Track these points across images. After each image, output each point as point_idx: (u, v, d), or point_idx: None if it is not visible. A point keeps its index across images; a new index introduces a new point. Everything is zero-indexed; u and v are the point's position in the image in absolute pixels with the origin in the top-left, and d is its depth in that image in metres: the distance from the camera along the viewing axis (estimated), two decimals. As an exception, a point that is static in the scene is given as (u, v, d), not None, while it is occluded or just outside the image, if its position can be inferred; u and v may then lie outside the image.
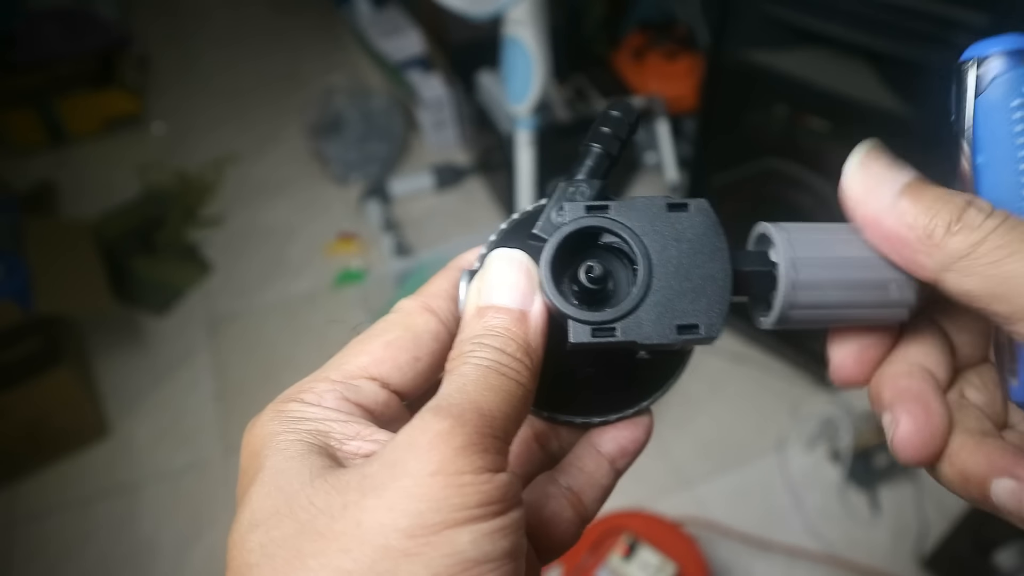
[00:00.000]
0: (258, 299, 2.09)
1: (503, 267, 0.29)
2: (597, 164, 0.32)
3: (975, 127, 0.28)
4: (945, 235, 0.26)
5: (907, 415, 0.29)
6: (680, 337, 0.28)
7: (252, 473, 0.26)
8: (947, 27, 1.21)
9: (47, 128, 2.57)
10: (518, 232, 0.32)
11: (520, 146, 1.69)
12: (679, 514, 1.45)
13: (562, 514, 0.32)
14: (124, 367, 1.91)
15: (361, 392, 0.29)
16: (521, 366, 0.27)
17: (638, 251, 0.29)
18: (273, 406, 0.28)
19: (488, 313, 0.28)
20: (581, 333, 0.28)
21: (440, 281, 0.33)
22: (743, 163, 1.71)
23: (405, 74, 2.53)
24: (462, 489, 0.23)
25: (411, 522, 0.22)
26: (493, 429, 0.25)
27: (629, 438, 0.34)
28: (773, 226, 0.30)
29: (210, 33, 3.17)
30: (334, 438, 0.27)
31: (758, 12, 1.51)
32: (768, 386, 1.78)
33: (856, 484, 1.60)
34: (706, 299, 0.29)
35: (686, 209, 0.30)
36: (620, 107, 0.33)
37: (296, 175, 2.46)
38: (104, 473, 1.71)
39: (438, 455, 0.23)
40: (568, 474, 0.33)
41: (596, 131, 0.33)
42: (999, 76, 0.28)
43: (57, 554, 1.59)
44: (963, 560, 1.40)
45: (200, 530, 1.60)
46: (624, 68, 2.34)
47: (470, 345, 0.28)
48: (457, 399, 0.25)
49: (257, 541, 0.23)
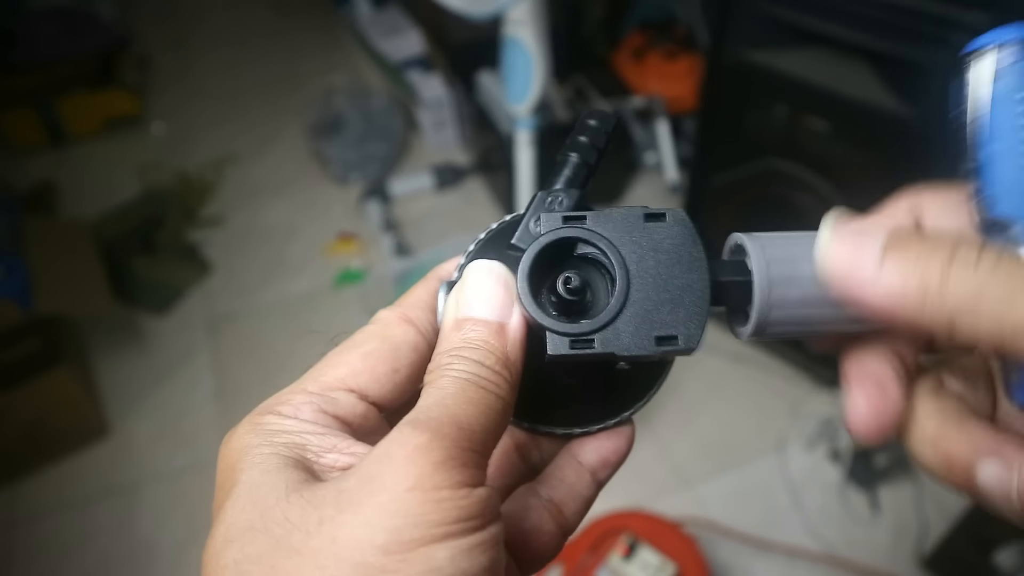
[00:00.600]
0: (258, 299, 2.09)
1: (481, 279, 0.29)
2: (575, 173, 0.32)
3: (979, 119, 0.28)
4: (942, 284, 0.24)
5: (862, 393, 0.29)
6: (659, 348, 0.28)
7: (227, 487, 0.25)
8: (947, 27, 1.21)
9: (47, 128, 2.57)
10: (496, 243, 0.32)
11: (520, 146, 1.69)
12: (679, 514, 1.44)
13: (543, 526, 0.31)
14: (124, 367, 1.91)
15: (338, 404, 0.28)
16: (500, 379, 0.27)
17: (615, 262, 0.29)
18: (249, 419, 0.28)
19: (466, 325, 0.28)
20: (559, 345, 0.28)
21: (419, 291, 0.32)
22: (743, 163, 1.71)
23: (405, 74, 2.53)
24: (440, 505, 0.23)
25: (388, 538, 0.22)
26: (472, 443, 0.25)
27: (611, 449, 0.33)
28: (747, 236, 0.30)
29: (210, 33, 3.17)
30: (311, 451, 0.26)
31: (758, 12, 1.51)
32: (768, 386, 1.78)
33: (856, 484, 1.60)
34: (684, 310, 0.29)
35: (663, 219, 0.29)
36: (597, 116, 0.33)
37: (296, 175, 2.46)
38: (104, 473, 1.71)
39: (416, 469, 0.23)
40: (549, 486, 0.33)
41: (573, 140, 0.33)
42: (1004, 67, 0.27)
43: (57, 554, 1.59)
44: (963, 560, 1.40)
45: (199, 530, 1.60)
46: (624, 68, 2.34)
47: (448, 358, 0.27)
48: (436, 412, 0.25)
49: (231, 557, 0.23)
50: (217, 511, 0.25)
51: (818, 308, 0.29)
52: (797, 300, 0.29)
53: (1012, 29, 0.27)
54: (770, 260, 0.29)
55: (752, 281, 0.29)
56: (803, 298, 0.29)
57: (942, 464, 0.28)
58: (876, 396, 0.29)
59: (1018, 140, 0.27)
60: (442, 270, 0.34)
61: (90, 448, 1.74)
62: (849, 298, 0.26)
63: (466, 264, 0.31)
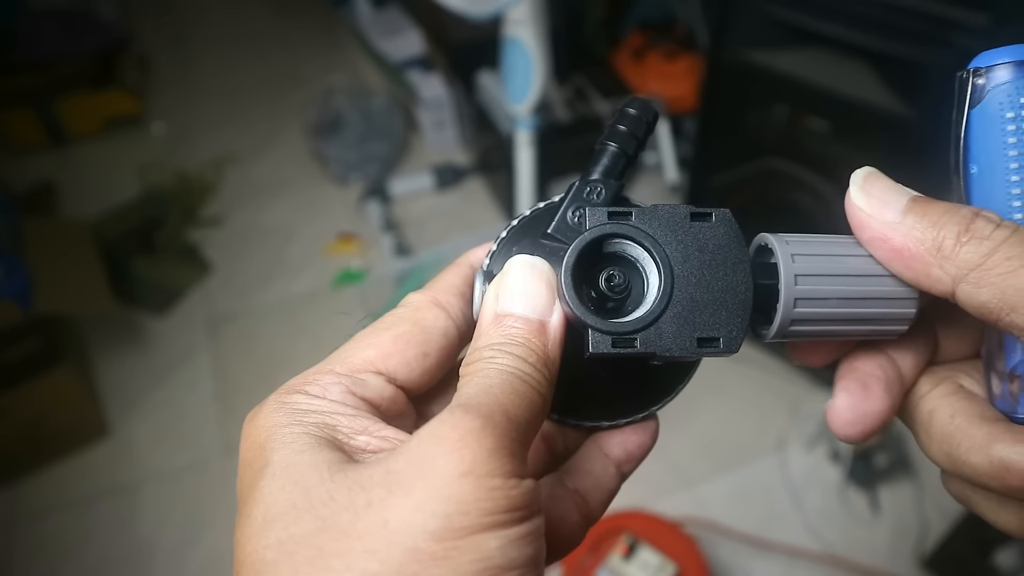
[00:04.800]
0: (258, 299, 2.08)
1: (523, 274, 0.28)
2: (613, 163, 0.31)
3: (968, 137, 0.28)
4: (955, 247, 0.26)
5: (845, 392, 0.30)
6: (700, 350, 0.28)
7: (258, 466, 0.25)
8: (947, 27, 1.21)
9: (47, 128, 2.57)
10: (529, 230, 0.32)
11: (520, 146, 1.69)
12: (679, 514, 1.44)
13: (569, 516, 0.31)
14: (124, 367, 1.91)
15: (367, 386, 0.28)
16: (541, 376, 0.27)
17: (660, 260, 0.28)
18: (276, 397, 0.27)
19: (506, 321, 0.28)
20: (601, 343, 0.27)
21: (450, 276, 0.32)
22: (743, 163, 1.71)
23: (405, 74, 2.53)
24: (492, 493, 0.22)
25: (440, 524, 0.21)
26: (518, 433, 0.24)
27: (636, 443, 0.33)
28: (774, 237, 0.30)
29: (210, 33, 3.17)
30: (342, 432, 0.26)
31: (758, 12, 1.51)
32: (768, 386, 1.78)
33: (856, 484, 1.60)
34: (726, 312, 0.28)
35: (709, 219, 0.29)
36: (637, 104, 0.32)
37: (296, 175, 2.46)
38: (104, 473, 1.71)
39: (470, 454, 0.22)
40: (575, 476, 0.33)
41: (613, 129, 0.32)
42: (996, 87, 0.28)
43: (57, 554, 1.59)
44: (963, 560, 1.40)
45: (200, 530, 1.60)
46: (624, 68, 2.34)
47: (490, 351, 0.27)
48: (485, 400, 0.24)
49: (275, 537, 0.22)
50: (246, 490, 0.24)
51: (842, 310, 0.29)
52: (822, 303, 0.29)
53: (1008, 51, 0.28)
54: (798, 261, 0.29)
55: (779, 284, 0.29)
56: (829, 300, 0.29)
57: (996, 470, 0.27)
58: (858, 395, 0.30)
59: (1005, 159, 0.28)
60: (473, 256, 0.33)
61: (90, 448, 1.74)
62: (870, 236, 0.28)
63: (498, 251, 0.31)
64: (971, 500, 0.30)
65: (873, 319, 0.29)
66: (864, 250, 0.29)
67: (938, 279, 0.26)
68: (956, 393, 0.30)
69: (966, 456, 0.28)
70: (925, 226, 0.26)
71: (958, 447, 0.28)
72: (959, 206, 0.27)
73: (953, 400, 0.30)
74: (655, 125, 0.33)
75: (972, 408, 0.29)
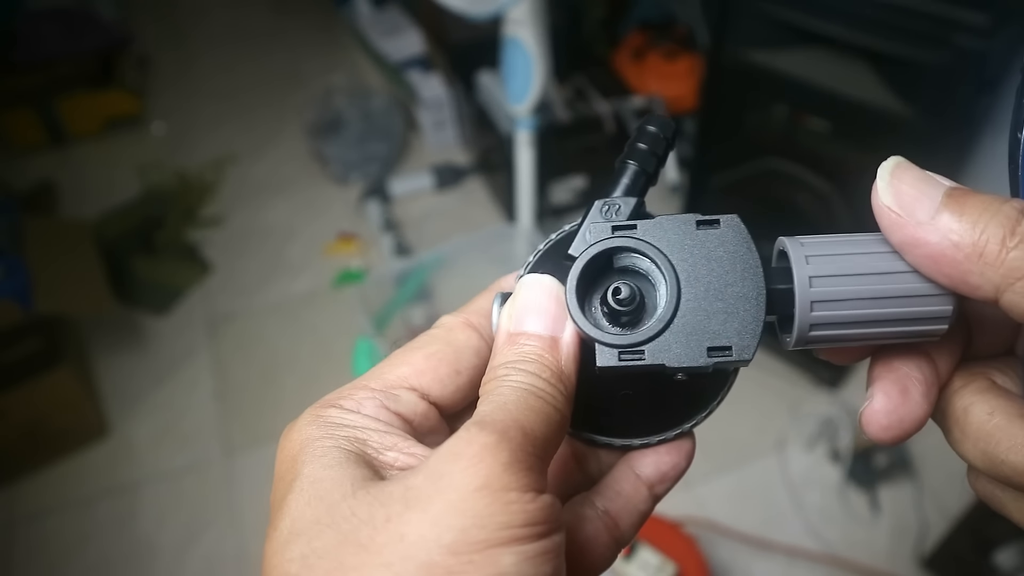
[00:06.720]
0: (258, 299, 2.09)
1: (533, 293, 0.29)
2: (633, 182, 0.31)
3: None
4: (1000, 251, 0.23)
5: (882, 393, 0.29)
6: (711, 360, 0.28)
7: (289, 479, 0.25)
8: (947, 27, 1.21)
9: (47, 128, 2.57)
10: (554, 254, 0.32)
11: (520, 146, 1.69)
12: (679, 514, 1.44)
13: (598, 538, 0.31)
14: (124, 367, 1.91)
15: (400, 402, 0.29)
16: (556, 392, 0.27)
17: (665, 271, 0.28)
18: (312, 410, 0.28)
19: (519, 340, 0.28)
20: (608, 357, 0.27)
21: (482, 300, 0.32)
22: (743, 163, 1.71)
23: (405, 74, 2.53)
24: (508, 507, 0.22)
25: (455, 538, 0.22)
26: (536, 448, 0.25)
27: (669, 463, 0.33)
28: (789, 241, 0.29)
29: (210, 33, 3.17)
30: (371, 447, 0.26)
31: (758, 12, 1.51)
32: (768, 386, 1.78)
33: (856, 484, 1.61)
34: (738, 319, 0.28)
35: (717, 225, 0.28)
36: (656, 122, 0.32)
37: (296, 175, 2.46)
38: (104, 473, 1.71)
39: (485, 469, 0.23)
40: (605, 497, 0.32)
41: (632, 147, 0.32)
42: None
43: (57, 554, 1.59)
44: (963, 560, 1.40)
45: (200, 530, 1.60)
46: (624, 68, 2.34)
47: (504, 370, 0.27)
48: (500, 416, 0.25)
49: (298, 551, 0.23)
50: (279, 503, 0.25)
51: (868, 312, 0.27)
52: (843, 305, 0.28)
53: None
54: (812, 263, 0.28)
55: (793, 287, 0.28)
56: (851, 301, 0.28)
57: None
58: (897, 399, 0.28)
59: None
60: (504, 282, 0.34)
61: (90, 448, 1.74)
62: (900, 240, 0.26)
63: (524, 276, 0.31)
64: (999, 500, 0.29)
65: (905, 319, 0.27)
66: (888, 246, 0.27)
67: (978, 286, 0.24)
68: (991, 390, 0.29)
69: (1005, 455, 0.27)
70: (964, 226, 0.24)
71: (997, 446, 0.27)
72: (1002, 200, 0.24)
73: (990, 397, 0.29)
74: (674, 142, 0.32)
75: (1011, 407, 0.28)
